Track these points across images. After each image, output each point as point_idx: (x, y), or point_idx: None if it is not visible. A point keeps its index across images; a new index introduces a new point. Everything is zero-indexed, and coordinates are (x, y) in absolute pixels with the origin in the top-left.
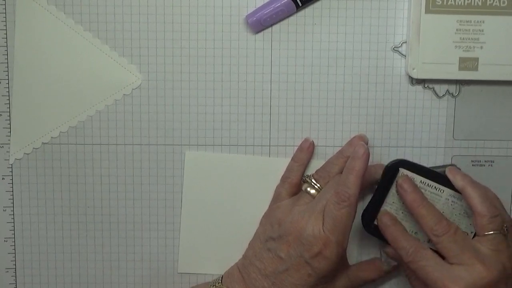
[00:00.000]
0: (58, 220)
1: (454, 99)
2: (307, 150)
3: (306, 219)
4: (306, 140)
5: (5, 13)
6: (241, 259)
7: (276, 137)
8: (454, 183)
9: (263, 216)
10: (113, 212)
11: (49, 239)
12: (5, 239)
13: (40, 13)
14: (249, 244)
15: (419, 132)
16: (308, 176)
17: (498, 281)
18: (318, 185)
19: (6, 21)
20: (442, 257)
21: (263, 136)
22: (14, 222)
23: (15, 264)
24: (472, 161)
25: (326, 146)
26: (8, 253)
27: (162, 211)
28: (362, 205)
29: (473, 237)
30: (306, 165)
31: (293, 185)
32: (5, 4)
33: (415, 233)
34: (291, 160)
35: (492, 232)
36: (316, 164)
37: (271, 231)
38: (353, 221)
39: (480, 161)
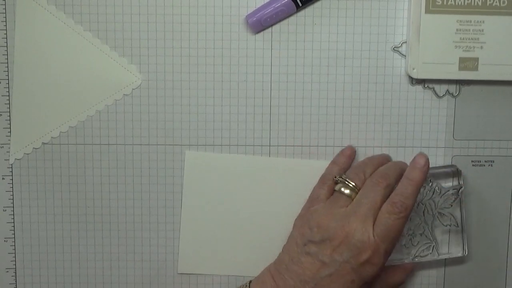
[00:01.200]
0: (58, 220)
1: (454, 99)
2: (349, 156)
3: (353, 223)
4: (350, 147)
5: (5, 13)
6: (273, 264)
7: (276, 137)
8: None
9: (297, 219)
10: (113, 212)
11: (49, 239)
12: (5, 239)
13: (40, 13)
14: (283, 248)
15: (419, 132)
16: (341, 175)
17: None
18: (353, 183)
19: (6, 21)
20: None
21: (263, 136)
22: (14, 222)
23: (15, 264)
24: (472, 161)
25: (326, 146)
26: (8, 253)
27: (162, 211)
28: None
29: None
30: (346, 170)
31: (333, 188)
32: (5, 4)
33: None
34: (331, 163)
35: None
36: (317, 165)
37: (310, 235)
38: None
39: (480, 161)
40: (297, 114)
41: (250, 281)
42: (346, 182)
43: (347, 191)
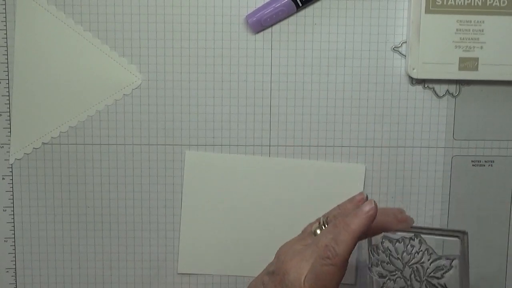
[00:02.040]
0: (58, 220)
1: (454, 99)
2: (357, 203)
3: (294, 262)
4: (360, 194)
5: (5, 13)
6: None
7: (276, 137)
8: None
9: None
10: (113, 212)
11: (49, 239)
12: (5, 239)
13: (40, 13)
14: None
15: (419, 132)
16: (326, 217)
17: None
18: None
19: (6, 21)
20: None
21: (263, 136)
22: (14, 222)
23: (15, 264)
24: (472, 161)
25: (326, 146)
26: (8, 253)
27: (162, 211)
28: None
29: None
30: None
31: None
32: (5, 4)
33: None
34: (336, 206)
35: None
36: (317, 165)
37: (271, 264)
38: (339, 281)
39: (480, 161)
40: (297, 114)
41: None
42: (323, 227)
43: (318, 232)
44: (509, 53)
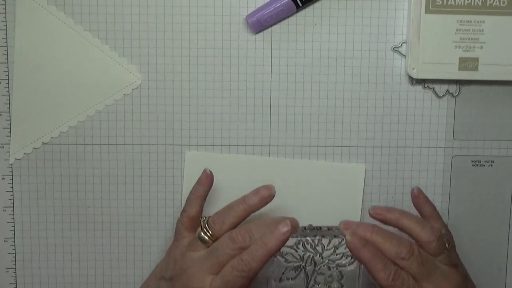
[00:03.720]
0: (58, 220)
1: (454, 99)
2: (205, 182)
3: (195, 268)
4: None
5: (5, 13)
6: None
7: (276, 137)
8: (386, 218)
9: (166, 251)
10: (113, 212)
11: (49, 239)
12: (5, 239)
13: (40, 13)
14: (148, 277)
15: (419, 132)
16: (205, 219)
17: None
18: (210, 232)
19: (6, 21)
20: None
21: (263, 136)
22: (14, 222)
23: (15, 264)
24: (472, 161)
25: (326, 146)
26: (8, 253)
27: (162, 211)
28: None
29: None
30: (204, 198)
31: (191, 219)
32: (5, 4)
33: None
34: (190, 192)
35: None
36: (317, 165)
37: (166, 270)
38: None
39: (480, 161)
40: (297, 114)
41: None
42: (205, 230)
43: (205, 238)
44: (509, 53)
